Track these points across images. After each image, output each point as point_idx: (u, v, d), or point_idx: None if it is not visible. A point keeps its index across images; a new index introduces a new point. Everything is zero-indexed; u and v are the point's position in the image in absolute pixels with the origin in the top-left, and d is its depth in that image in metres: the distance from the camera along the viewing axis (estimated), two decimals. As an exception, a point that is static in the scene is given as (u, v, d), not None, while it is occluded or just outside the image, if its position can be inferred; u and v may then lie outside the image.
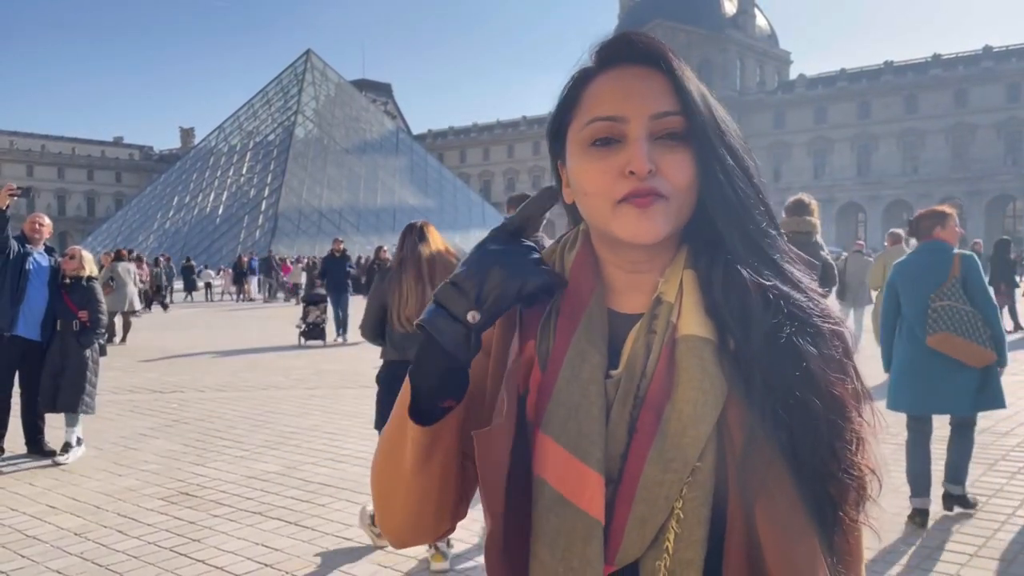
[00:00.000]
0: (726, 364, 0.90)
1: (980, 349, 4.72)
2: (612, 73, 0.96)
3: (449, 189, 61.15)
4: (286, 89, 58.54)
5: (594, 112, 0.94)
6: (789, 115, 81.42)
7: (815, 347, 0.89)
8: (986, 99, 72.24)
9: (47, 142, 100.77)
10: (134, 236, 51.27)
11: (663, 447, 0.88)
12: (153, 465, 6.59)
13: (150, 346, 15.42)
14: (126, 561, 4.49)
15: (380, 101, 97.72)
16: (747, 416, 0.88)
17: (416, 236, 4.68)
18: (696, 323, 0.92)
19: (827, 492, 0.88)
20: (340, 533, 4.91)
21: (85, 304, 6.93)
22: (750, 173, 0.96)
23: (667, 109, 0.92)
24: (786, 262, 0.95)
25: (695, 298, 0.93)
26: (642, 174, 0.89)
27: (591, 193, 0.94)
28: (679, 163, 0.91)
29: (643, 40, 0.96)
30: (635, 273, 0.99)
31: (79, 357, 6.82)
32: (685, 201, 0.92)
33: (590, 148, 0.94)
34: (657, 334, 0.93)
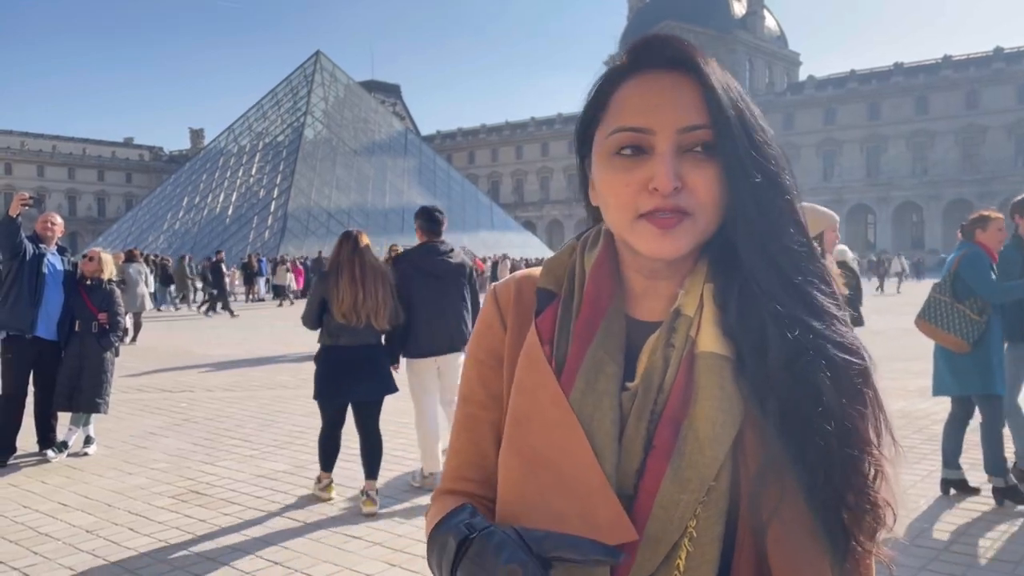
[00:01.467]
0: (744, 385, 0.87)
1: (948, 336, 5.25)
2: (641, 78, 0.92)
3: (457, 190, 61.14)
4: (295, 90, 58.67)
5: (620, 121, 0.91)
6: (798, 116, 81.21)
7: (832, 379, 0.85)
8: (997, 100, 71.89)
9: (58, 143, 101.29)
10: (144, 236, 51.45)
11: (680, 465, 0.86)
12: (163, 464, 6.65)
13: (159, 346, 15.51)
14: (137, 558, 4.53)
15: (389, 102, 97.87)
16: (763, 440, 0.86)
17: (351, 244, 5.50)
18: (715, 340, 0.89)
19: (840, 521, 0.85)
20: (348, 531, 4.95)
21: (105, 306, 7.00)
22: (783, 188, 0.91)
23: (696, 123, 0.88)
24: (811, 286, 0.89)
25: (714, 314, 0.90)
26: (666, 192, 0.86)
27: (612, 205, 0.92)
28: (706, 178, 0.88)
29: (675, 44, 0.92)
30: (655, 279, 0.96)
31: (98, 358, 6.91)
32: (711, 217, 0.89)
33: (614, 158, 0.91)
34: (676, 348, 0.91)
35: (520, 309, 1.03)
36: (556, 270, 1.03)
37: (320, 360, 5.53)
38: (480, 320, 1.08)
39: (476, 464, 1.04)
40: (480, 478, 1.03)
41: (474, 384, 1.05)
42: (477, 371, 1.05)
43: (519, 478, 0.93)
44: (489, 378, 1.03)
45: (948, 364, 5.35)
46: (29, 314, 6.74)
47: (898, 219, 76.86)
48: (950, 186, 73.03)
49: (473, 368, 1.06)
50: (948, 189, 73.21)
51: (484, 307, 1.08)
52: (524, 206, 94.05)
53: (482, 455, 1.03)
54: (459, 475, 1.05)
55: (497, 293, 1.07)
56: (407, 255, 6.09)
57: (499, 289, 1.08)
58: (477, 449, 1.04)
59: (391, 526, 5.04)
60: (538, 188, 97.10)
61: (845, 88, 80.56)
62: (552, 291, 1.01)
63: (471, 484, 1.03)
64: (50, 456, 6.74)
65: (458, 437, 1.07)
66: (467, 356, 1.09)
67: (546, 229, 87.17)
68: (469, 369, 1.07)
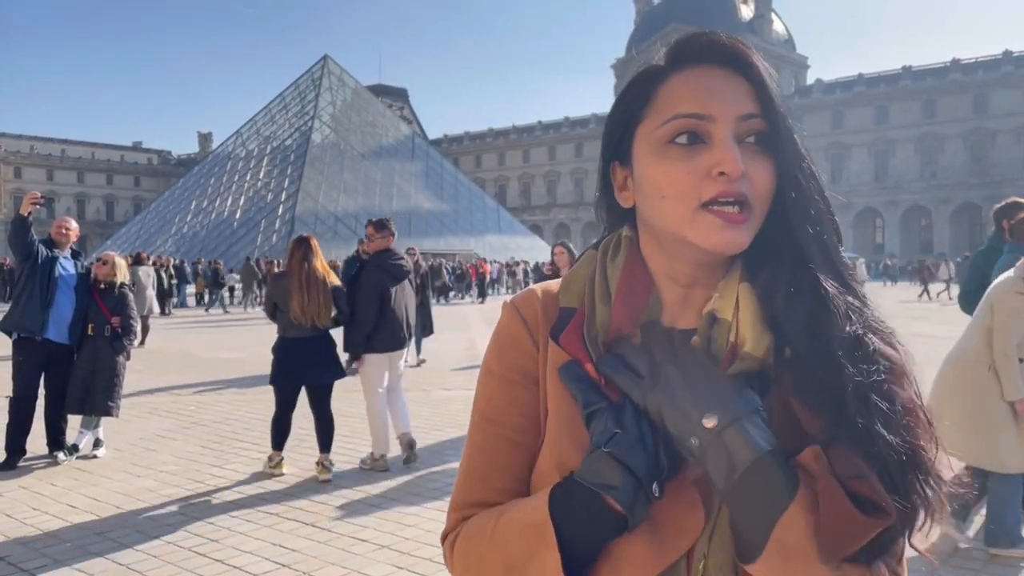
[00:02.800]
0: (788, 376, 0.84)
1: None
2: (692, 72, 0.90)
3: (465, 194, 61.21)
4: (303, 94, 58.83)
5: (676, 109, 0.88)
6: (806, 120, 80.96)
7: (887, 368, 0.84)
8: (1005, 104, 71.62)
9: (67, 147, 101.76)
10: (152, 240, 51.60)
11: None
12: (171, 466, 6.67)
13: (167, 349, 15.56)
14: (146, 560, 4.55)
15: (396, 106, 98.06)
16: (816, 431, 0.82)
17: (302, 251, 6.36)
18: (755, 339, 0.86)
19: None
20: (356, 534, 4.96)
21: (119, 310, 7.00)
22: (820, 184, 0.91)
23: (752, 111, 0.87)
24: (853, 280, 0.90)
25: (752, 313, 0.87)
26: (736, 175, 0.84)
27: (670, 195, 0.87)
28: (763, 169, 0.86)
29: (724, 41, 0.91)
30: (687, 287, 0.93)
31: (111, 361, 6.92)
32: (765, 210, 0.87)
33: (669, 147, 0.88)
34: (718, 358, 0.87)
35: (548, 326, 0.97)
36: (576, 285, 0.98)
37: (275, 350, 6.45)
38: (504, 336, 1.01)
39: (507, 491, 0.96)
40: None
41: (502, 405, 0.98)
42: (506, 392, 0.98)
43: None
44: (523, 400, 0.97)
45: None
46: (40, 316, 6.77)
47: (906, 223, 76.60)
48: (958, 190, 72.76)
49: (500, 388, 0.99)
50: (956, 193, 72.93)
51: (507, 322, 1.01)
52: (531, 210, 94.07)
53: (516, 479, 0.96)
54: (488, 501, 0.96)
55: (520, 308, 1.01)
56: (377, 260, 6.70)
57: (521, 304, 1.01)
58: (510, 474, 0.97)
59: (398, 529, 5.05)
60: (545, 192, 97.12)
61: (853, 91, 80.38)
62: (575, 308, 0.96)
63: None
64: (60, 458, 6.77)
65: (483, 461, 0.98)
66: (487, 373, 1.01)
67: (553, 232, 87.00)
68: (494, 388, 0.99)
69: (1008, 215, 5.40)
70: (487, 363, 1.02)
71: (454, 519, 0.99)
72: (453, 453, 7.05)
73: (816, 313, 0.84)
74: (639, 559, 0.85)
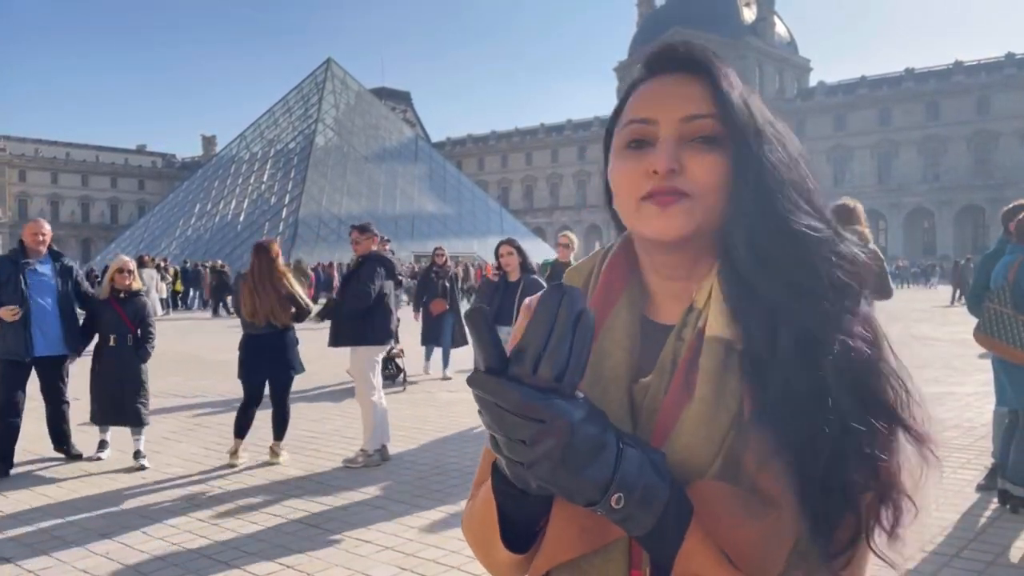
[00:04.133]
0: (747, 365, 0.87)
1: (1012, 349, 5.03)
2: (654, 80, 0.97)
3: (468, 197, 61.19)
4: (307, 97, 58.88)
5: (629, 115, 0.96)
6: (809, 123, 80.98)
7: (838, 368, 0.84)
8: (1009, 106, 71.55)
9: (71, 150, 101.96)
10: (156, 243, 51.65)
11: (674, 449, 0.86)
12: (176, 468, 6.69)
13: (172, 351, 15.58)
14: (150, 561, 4.57)
15: (399, 109, 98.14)
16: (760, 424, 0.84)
17: (257, 256, 6.77)
18: (721, 325, 0.89)
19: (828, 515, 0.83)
20: (360, 536, 4.97)
21: (140, 318, 6.92)
22: (801, 187, 0.92)
23: (698, 112, 0.92)
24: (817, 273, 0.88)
25: (721, 300, 0.91)
26: (662, 172, 0.89)
27: (621, 192, 0.95)
28: (707, 164, 0.90)
29: (684, 48, 0.97)
30: (672, 280, 0.97)
31: (137, 371, 6.86)
32: (713, 202, 0.90)
33: (624, 151, 0.95)
34: (685, 340, 0.92)
35: None
36: (577, 279, 1.04)
37: (239, 347, 6.92)
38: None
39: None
40: None
41: None
42: None
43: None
44: None
45: (1009, 377, 5.17)
46: (22, 337, 6.48)
47: (909, 225, 76.55)
48: (962, 192, 72.70)
49: None
50: (960, 195, 72.87)
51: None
52: (534, 212, 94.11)
53: None
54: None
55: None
56: (382, 259, 7.09)
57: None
58: None
59: (402, 531, 5.06)
60: (548, 194, 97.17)
61: (856, 94, 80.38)
62: None
63: None
64: (144, 464, 6.68)
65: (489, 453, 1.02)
66: None
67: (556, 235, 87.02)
68: None
69: (1013, 217, 5.43)
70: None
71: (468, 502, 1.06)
72: (456, 454, 7.06)
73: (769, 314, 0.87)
74: (567, 539, 0.87)
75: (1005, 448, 5.32)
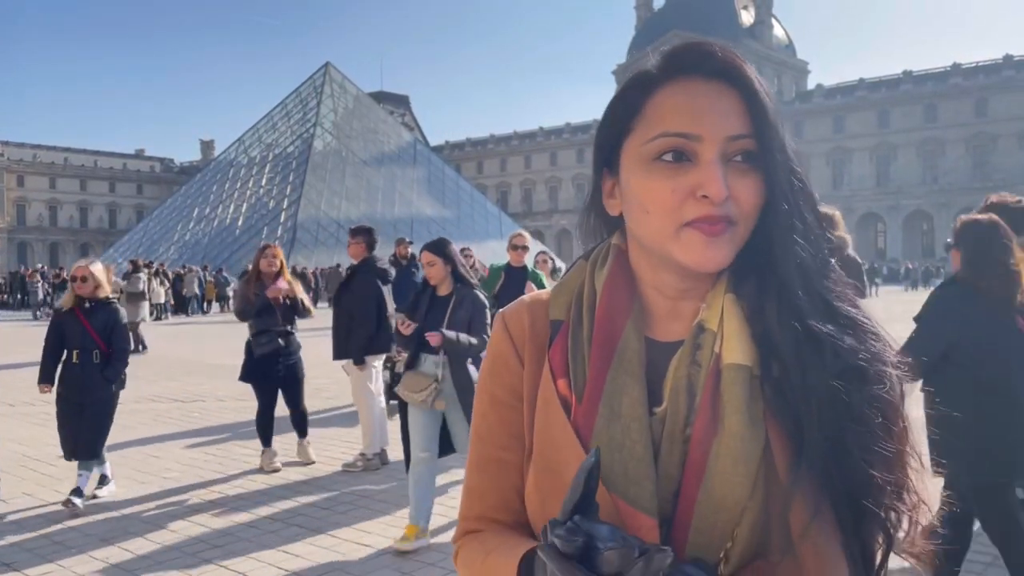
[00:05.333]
0: (769, 392, 0.84)
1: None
2: (683, 85, 0.88)
3: (467, 200, 61.20)
4: (305, 101, 58.90)
5: (664, 126, 0.87)
6: (807, 125, 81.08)
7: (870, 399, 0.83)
8: (1007, 108, 71.65)
9: (70, 154, 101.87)
10: (155, 247, 51.63)
11: (712, 486, 0.83)
12: (175, 473, 6.69)
13: (170, 356, 15.59)
14: (150, 566, 4.57)
15: (398, 113, 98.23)
16: (791, 455, 0.82)
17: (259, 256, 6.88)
18: (740, 351, 0.85)
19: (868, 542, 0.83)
20: (360, 540, 4.97)
21: (108, 331, 5.78)
22: (813, 200, 0.90)
23: (742, 131, 0.86)
24: (839, 299, 0.88)
25: (738, 324, 0.87)
26: (719, 200, 0.83)
27: (654, 212, 0.87)
28: (750, 187, 0.85)
29: (719, 52, 0.88)
30: (675, 299, 0.92)
31: (101, 394, 5.75)
32: (750, 227, 0.86)
33: (655, 163, 0.87)
34: (702, 367, 0.87)
35: (536, 341, 0.97)
36: (565, 296, 0.97)
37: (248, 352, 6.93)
38: (493, 353, 1.01)
39: (503, 507, 0.98)
40: (511, 520, 0.97)
41: (493, 423, 0.99)
42: (496, 411, 0.99)
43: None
44: (509, 419, 0.97)
45: None
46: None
47: (908, 227, 76.61)
48: (961, 194, 72.68)
49: (491, 407, 0.99)
50: (959, 197, 72.84)
51: (495, 338, 1.01)
52: (533, 215, 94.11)
53: (506, 499, 0.98)
54: (486, 516, 0.99)
55: (508, 322, 1.01)
56: (373, 268, 6.92)
57: (509, 317, 1.01)
58: (501, 494, 0.98)
59: (401, 533, 5.05)
60: (547, 198, 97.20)
61: (854, 96, 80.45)
62: (563, 320, 0.95)
63: (501, 524, 0.98)
64: (78, 504, 5.54)
65: (478, 478, 1.01)
66: (482, 391, 1.02)
67: (555, 238, 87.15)
68: (486, 406, 1.00)
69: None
70: (480, 378, 1.03)
71: (460, 529, 1.02)
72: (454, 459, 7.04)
73: (799, 340, 0.84)
74: None
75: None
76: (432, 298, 5.09)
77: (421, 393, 4.78)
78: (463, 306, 4.95)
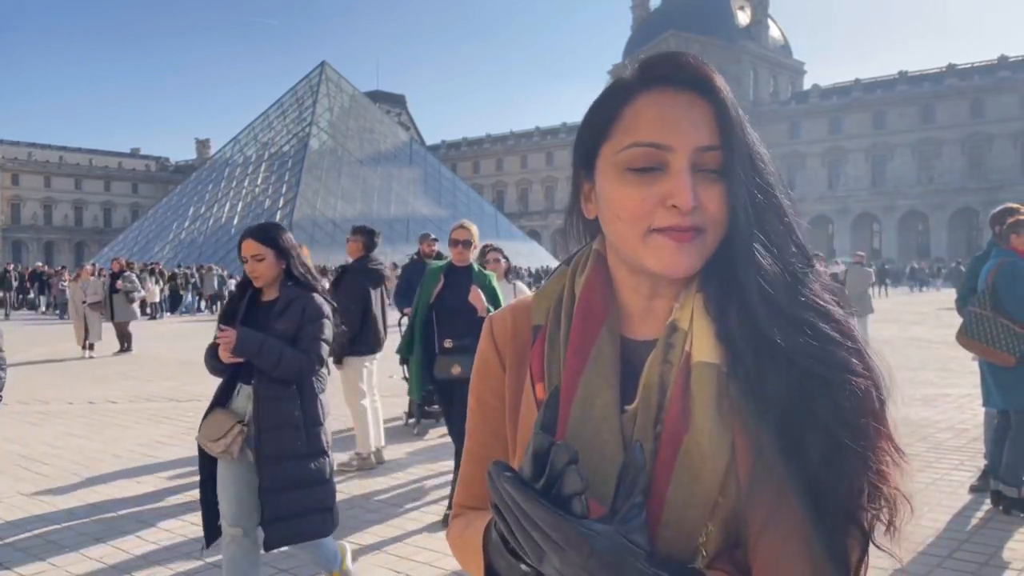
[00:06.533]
0: (734, 392, 0.85)
1: (993, 351, 5.11)
2: (657, 95, 0.90)
3: (463, 200, 61.19)
4: (301, 100, 58.85)
5: (636, 136, 0.89)
6: (803, 125, 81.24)
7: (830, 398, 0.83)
8: (1002, 109, 71.85)
9: (65, 153, 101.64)
10: (150, 247, 51.57)
11: (682, 481, 0.84)
12: (170, 472, 6.68)
13: (165, 355, 15.56)
14: (144, 566, 4.57)
15: (394, 112, 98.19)
16: (757, 449, 0.83)
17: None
18: (709, 349, 0.87)
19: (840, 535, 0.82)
20: (356, 539, 4.96)
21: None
22: (781, 209, 0.90)
23: (711, 143, 0.88)
24: (812, 307, 0.87)
25: (705, 323, 0.88)
26: (686, 209, 0.85)
27: (624, 219, 0.89)
28: (718, 197, 0.87)
29: (692, 64, 0.91)
30: (654, 298, 0.94)
31: None
32: (719, 234, 0.88)
33: (626, 172, 0.89)
34: (673, 364, 0.88)
35: (517, 345, 1.01)
36: (546, 301, 1.00)
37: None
38: (480, 357, 1.05)
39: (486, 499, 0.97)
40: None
41: (477, 422, 1.05)
42: (480, 411, 1.05)
43: None
44: (491, 419, 1.03)
45: (995, 378, 5.23)
46: None
47: (903, 228, 76.76)
48: (956, 195, 72.91)
49: (477, 407, 1.05)
50: (954, 198, 73.08)
51: (482, 341, 1.05)
52: (529, 215, 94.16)
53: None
54: (473, 505, 1.04)
55: (493, 327, 1.05)
56: (363, 270, 6.84)
57: (495, 323, 1.05)
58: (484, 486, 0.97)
59: (396, 534, 5.06)
60: (543, 197, 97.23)
61: (850, 97, 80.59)
62: (542, 325, 0.98)
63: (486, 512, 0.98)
64: None
65: (468, 470, 1.06)
66: (472, 390, 1.07)
67: (551, 238, 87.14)
68: (473, 406, 1.06)
69: (1000, 221, 5.49)
70: (472, 379, 1.07)
71: (452, 514, 1.09)
72: (450, 457, 7.05)
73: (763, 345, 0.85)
74: None
75: (996, 449, 5.36)
76: (252, 305, 3.78)
77: (220, 442, 3.56)
78: (289, 314, 3.53)
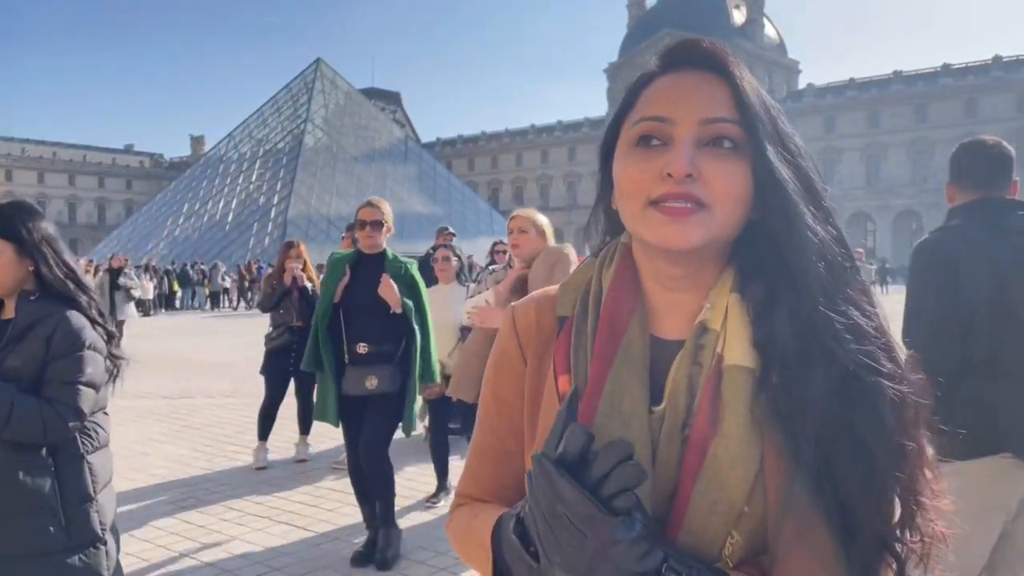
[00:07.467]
0: (765, 400, 0.82)
1: None
2: (671, 77, 0.91)
3: (458, 197, 61.18)
4: (296, 97, 58.72)
5: (643, 112, 0.89)
6: (798, 124, 76.14)
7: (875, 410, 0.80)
8: (996, 109, 72.04)
9: (58, 149, 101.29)
10: (144, 243, 51.39)
11: (707, 487, 0.82)
12: (163, 470, 6.65)
13: (159, 353, 15.51)
14: (137, 564, 4.54)
15: (389, 109, 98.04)
16: (785, 463, 0.81)
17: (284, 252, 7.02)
18: (743, 353, 0.84)
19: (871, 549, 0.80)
20: (348, 537, 4.95)
21: None
22: (819, 195, 0.88)
23: (720, 115, 0.86)
24: (856, 306, 0.85)
25: (741, 325, 0.86)
26: (679, 176, 0.83)
27: (626, 192, 0.88)
28: (727, 171, 0.84)
29: (704, 45, 0.91)
30: (675, 291, 0.92)
31: None
32: (730, 213, 0.85)
33: (634, 148, 0.89)
34: (703, 367, 0.86)
35: (541, 339, 0.98)
36: (572, 292, 0.98)
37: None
38: (500, 348, 1.03)
39: (496, 494, 1.01)
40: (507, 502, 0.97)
41: (494, 417, 1.02)
42: (496, 404, 1.02)
43: None
44: (509, 415, 1.00)
45: None
46: None
47: (898, 227, 76.93)
48: (950, 194, 73.10)
49: (493, 400, 1.03)
50: (948, 197, 73.27)
51: (503, 333, 1.03)
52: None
53: (502, 485, 1.01)
54: (480, 499, 1.03)
55: (516, 319, 1.02)
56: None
57: (519, 314, 1.02)
58: (497, 480, 1.02)
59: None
60: (537, 195, 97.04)
61: (844, 96, 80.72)
62: (568, 317, 0.96)
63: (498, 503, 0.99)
64: None
65: (478, 463, 1.05)
66: (486, 381, 1.05)
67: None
68: (488, 398, 1.04)
69: None
70: (487, 370, 1.05)
71: (454, 504, 1.07)
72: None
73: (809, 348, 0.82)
74: None
75: None
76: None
77: None
78: (29, 341, 2.37)
